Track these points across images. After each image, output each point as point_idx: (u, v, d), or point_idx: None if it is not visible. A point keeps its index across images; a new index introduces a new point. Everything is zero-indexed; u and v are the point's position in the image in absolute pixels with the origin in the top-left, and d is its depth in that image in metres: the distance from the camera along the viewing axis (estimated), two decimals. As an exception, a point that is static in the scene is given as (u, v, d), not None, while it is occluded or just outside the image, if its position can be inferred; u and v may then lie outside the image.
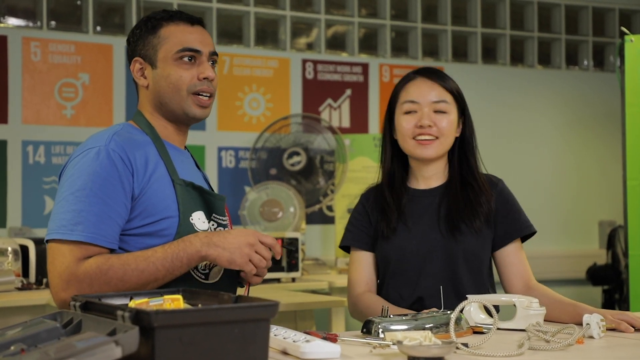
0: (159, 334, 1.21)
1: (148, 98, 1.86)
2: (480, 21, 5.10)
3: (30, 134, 4.06)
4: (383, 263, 2.12)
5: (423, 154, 2.08)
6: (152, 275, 1.66)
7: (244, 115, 4.54)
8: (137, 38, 1.86)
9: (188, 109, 1.83)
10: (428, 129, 2.05)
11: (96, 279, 1.64)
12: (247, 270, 1.70)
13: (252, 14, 4.58)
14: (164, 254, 1.67)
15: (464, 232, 2.04)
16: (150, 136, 1.82)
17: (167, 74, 1.82)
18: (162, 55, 1.82)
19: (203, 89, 1.83)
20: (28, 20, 4.15)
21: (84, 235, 1.66)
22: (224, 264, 1.69)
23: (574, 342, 1.63)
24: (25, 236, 3.78)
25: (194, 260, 1.68)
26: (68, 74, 4.16)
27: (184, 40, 1.83)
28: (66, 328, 1.33)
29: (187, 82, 1.81)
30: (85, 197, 1.68)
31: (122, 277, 1.64)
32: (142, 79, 1.85)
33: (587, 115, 5.30)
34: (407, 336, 1.50)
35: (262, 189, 4.24)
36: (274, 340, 1.54)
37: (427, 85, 2.08)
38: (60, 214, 1.68)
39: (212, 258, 1.68)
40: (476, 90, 4.80)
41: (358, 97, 4.81)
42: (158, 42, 1.83)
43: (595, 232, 5.27)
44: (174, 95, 1.82)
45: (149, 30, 1.84)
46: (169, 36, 1.83)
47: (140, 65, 1.85)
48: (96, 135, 1.79)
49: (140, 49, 1.85)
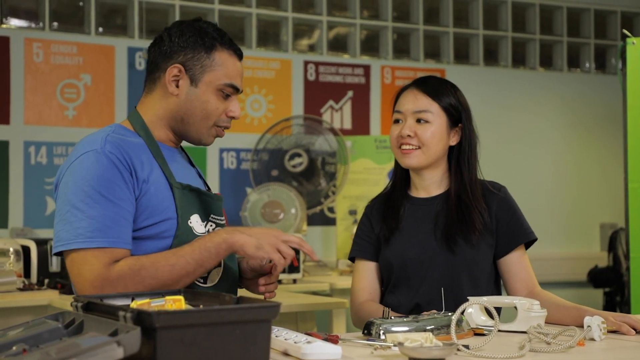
0: (160, 335, 1.21)
1: (170, 107, 1.81)
2: (482, 23, 5.10)
3: (32, 135, 4.07)
4: (386, 270, 2.13)
5: (406, 163, 2.11)
6: (183, 269, 1.65)
7: (246, 117, 4.54)
8: (185, 45, 1.79)
9: (205, 139, 1.84)
10: (408, 138, 2.08)
11: (130, 280, 1.63)
12: (276, 259, 1.68)
13: (254, 16, 4.58)
14: (192, 247, 1.67)
15: (461, 245, 2.05)
16: (144, 138, 1.79)
17: (206, 99, 1.79)
18: (208, 79, 1.79)
19: (227, 126, 1.85)
20: (30, 21, 4.16)
21: (105, 240, 1.65)
22: (250, 250, 1.66)
23: (575, 344, 1.63)
24: (27, 237, 3.78)
25: (222, 250, 1.67)
26: (70, 74, 4.16)
27: (232, 75, 1.81)
28: (68, 328, 1.34)
29: (218, 116, 1.81)
30: (96, 202, 1.66)
31: (155, 274, 1.64)
32: (174, 87, 1.80)
33: (589, 117, 5.30)
34: (408, 338, 1.50)
35: (264, 191, 4.24)
36: (275, 341, 1.54)
37: (412, 96, 2.10)
38: (74, 222, 1.66)
39: (239, 245, 1.66)
40: (478, 92, 4.80)
41: (360, 99, 4.81)
42: (209, 64, 1.79)
43: (597, 235, 5.26)
44: (201, 122, 1.81)
45: (204, 46, 1.79)
46: (222, 64, 1.80)
47: (178, 73, 1.79)
48: (87, 139, 1.75)
49: (187, 59, 1.79)
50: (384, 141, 4.46)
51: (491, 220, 2.09)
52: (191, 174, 1.90)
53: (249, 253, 1.67)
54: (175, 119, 1.82)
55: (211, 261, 1.67)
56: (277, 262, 1.69)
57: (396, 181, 2.18)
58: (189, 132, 1.83)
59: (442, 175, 2.14)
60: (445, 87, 2.12)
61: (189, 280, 1.67)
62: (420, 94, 2.09)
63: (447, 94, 2.10)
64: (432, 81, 2.14)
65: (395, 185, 2.17)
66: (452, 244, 2.05)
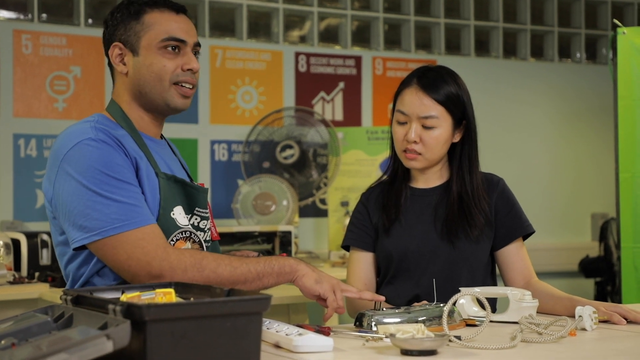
0: (150, 328, 1.21)
1: (126, 86, 1.80)
2: (473, 14, 5.09)
3: (21, 128, 4.04)
4: (385, 261, 2.12)
5: (410, 166, 2.11)
6: (243, 275, 1.65)
7: (237, 109, 4.53)
8: (117, 22, 1.80)
9: (170, 99, 1.78)
10: (413, 144, 2.05)
11: (190, 267, 1.61)
12: (330, 300, 1.69)
13: (244, 7, 4.56)
14: (256, 260, 1.68)
15: (462, 238, 2.05)
16: (126, 129, 1.77)
17: (150, 62, 1.77)
18: (145, 43, 1.77)
19: (186, 80, 1.78)
20: (19, 13, 4.13)
21: (141, 220, 1.62)
22: (309, 282, 1.69)
23: (567, 334, 1.63)
24: (17, 230, 3.77)
25: (284, 273, 1.69)
26: (59, 67, 4.14)
27: (169, 28, 1.77)
28: (57, 322, 1.33)
29: (170, 72, 1.76)
30: (115, 187, 1.64)
31: (216, 268, 1.63)
32: (121, 66, 1.80)
33: (581, 107, 5.31)
34: (399, 329, 1.50)
35: (255, 182, 4.23)
36: (267, 333, 1.53)
37: (417, 98, 2.05)
38: (101, 209, 1.62)
39: (301, 274, 1.69)
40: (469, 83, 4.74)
41: (351, 90, 4.80)
42: (141, 29, 1.77)
43: (588, 225, 5.28)
44: (155, 85, 1.77)
45: (132, 15, 1.78)
46: (153, 23, 1.77)
47: (119, 51, 1.80)
48: (74, 129, 1.72)
49: (120, 34, 1.79)
50: (376, 132, 4.46)
51: (490, 213, 2.09)
52: (176, 165, 1.88)
53: (307, 285, 1.70)
54: (136, 96, 1.80)
55: (271, 279, 1.68)
56: (329, 302, 1.71)
57: (397, 171, 2.16)
58: (154, 101, 1.79)
59: (442, 166, 2.14)
60: (448, 82, 2.07)
61: (244, 288, 1.65)
62: (425, 97, 2.04)
63: (451, 92, 2.06)
64: (434, 77, 2.07)
65: (396, 175, 2.16)
66: (453, 237, 2.05)
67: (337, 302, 1.70)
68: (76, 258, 1.73)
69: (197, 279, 1.61)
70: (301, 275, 1.69)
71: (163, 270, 1.60)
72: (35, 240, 3.52)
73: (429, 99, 2.05)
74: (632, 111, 3.63)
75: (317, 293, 1.70)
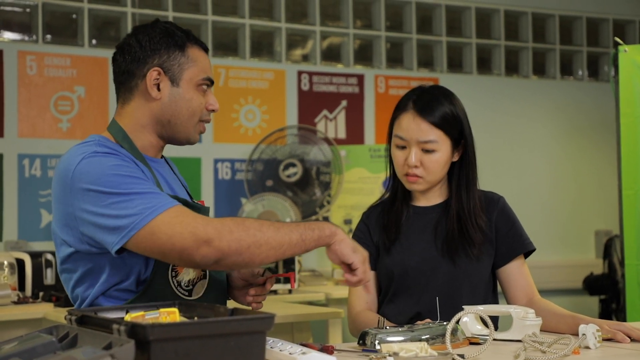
0: (154, 348, 1.21)
1: (153, 111, 1.79)
2: (475, 32, 5.12)
3: (26, 148, 4.06)
4: (386, 279, 2.12)
5: (412, 188, 2.12)
6: (287, 235, 1.61)
7: (240, 127, 4.55)
8: (158, 47, 1.78)
9: (192, 136, 1.82)
10: (414, 168, 2.06)
11: (235, 227, 1.58)
12: (361, 270, 1.66)
13: (247, 26, 4.59)
14: (296, 223, 1.65)
15: (462, 256, 2.06)
16: (128, 150, 1.77)
17: (190, 97, 1.79)
18: (187, 77, 1.78)
19: (208, 119, 1.84)
20: (24, 34, 4.16)
21: (167, 203, 1.61)
22: (347, 250, 1.65)
23: (570, 353, 1.63)
24: (21, 250, 3.77)
25: (324, 236, 1.64)
26: (64, 87, 4.16)
27: (206, 68, 1.82)
28: (62, 342, 1.33)
29: (202, 111, 1.81)
30: (132, 183, 1.63)
31: (260, 228, 1.60)
32: (156, 91, 1.78)
33: (583, 125, 5.32)
34: (403, 347, 1.50)
35: (259, 201, 4.24)
36: (270, 352, 1.53)
37: (415, 124, 2.04)
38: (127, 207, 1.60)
39: (339, 238, 1.65)
40: (471, 100, 4.79)
41: (354, 108, 4.82)
42: (186, 62, 1.78)
43: (592, 242, 5.27)
44: (188, 120, 1.80)
45: (177, 46, 1.79)
46: (196, 60, 1.80)
47: (157, 76, 1.77)
48: (76, 150, 1.73)
49: (164, 60, 1.77)
50: (379, 150, 4.47)
51: (491, 231, 2.10)
52: (176, 184, 1.89)
53: (345, 252, 1.66)
54: (161, 123, 1.80)
55: (312, 242, 1.64)
56: (359, 272, 1.67)
57: (397, 190, 2.17)
58: (177, 134, 1.81)
59: (442, 184, 2.15)
60: (443, 104, 2.07)
61: (289, 252, 1.62)
62: (423, 122, 2.04)
63: (447, 113, 2.06)
64: (429, 100, 2.07)
65: (397, 194, 2.17)
66: (453, 255, 2.06)
67: (365, 273, 1.67)
68: (82, 282, 1.73)
69: (244, 238, 1.57)
70: (339, 240, 1.65)
71: (209, 234, 1.56)
72: (39, 260, 3.52)
73: (427, 123, 2.05)
74: (634, 128, 3.64)
75: (351, 261, 1.66)
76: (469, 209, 2.09)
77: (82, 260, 1.70)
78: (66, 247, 1.72)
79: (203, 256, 1.56)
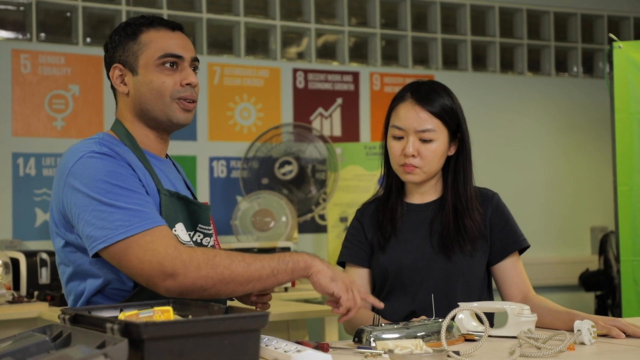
0: (148, 346, 1.21)
1: (128, 106, 1.82)
2: (470, 29, 5.12)
3: (20, 146, 4.05)
4: (380, 277, 2.12)
5: (408, 179, 2.10)
6: (257, 271, 1.61)
7: (235, 125, 4.54)
8: (115, 44, 1.82)
9: (172, 115, 1.80)
10: (412, 158, 2.06)
11: (204, 263, 1.58)
12: (344, 299, 1.65)
13: (242, 24, 4.59)
14: (270, 256, 1.64)
15: (457, 252, 2.06)
16: (129, 147, 1.78)
17: (149, 80, 1.78)
18: (143, 62, 1.79)
19: (186, 96, 1.80)
20: (17, 33, 4.15)
21: (146, 223, 1.61)
22: (324, 280, 1.65)
23: (565, 349, 1.63)
24: (16, 249, 3.77)
25: (299, 269, 1.65)
26: (58, 85, 4.15)
27: (165, 46, 1.80)
28: (55, 341, 1.33)
29: (170, 88, 1.78)
30: (119, 194, 1.64)
31: (229, 265, 1.60)
32: (122, 86, 1.82)
33: (578, 121, 5.32)
34: (398, 345, 1.50)
35: (254, 199, 4.23)
36: (265, 350, 1.53)
37: (414, 112, 2.05)
38: (106, 217, 1.62)
39: (316, 269, 1.65)
40: (467, 97, 4.78)
41: (349, 106, 4.81)
42: (139, 48, 1.79)
43: (587, 238, 5.28)
44: (157, 102, 1.79)
45: (129, 36, 1.81)
46: (150, 42, 1.80)
47: (120, 72, 1.81)
48: (78, 146, 1.74)
49: (119, 56, 1.81)
50: (374, 148, 4.47)
51: (485, 227, 2.09)
52: (180, 183, 1.89)
53: (322, 282, 1.66)
54: (139, 114, 1.82)
55: (285, 275, 1.65)
56: (343, 301, 1.66)
57: (391, 187, 2.17)
58: (157, 118, 1.81)
59: (437, 180, 2.14)
60: (442, 95, 2.08)
61: (259, 286, 1.63)
62: (421, 111, 2.05)
63: (446, 104, 2.07)
64: (428, 92, 2.07)
65: (391, 191, 2.17)
66: (448, 252, 2.05)
67: (351, 300, 1.66)
68: (76, 277, 1.73)
69: (211, 276, 1.59)
70: (316, 272, 1.66)
71: (176, 268, 1.58)
72: (34, 259, 3.51)
73: (425, 112, 2.05)
74: (629, 124, 3.64)
75: (331, 291, 1.66)
76: (465, 201, 2.08)
77: (75, 254, 1.72)
78: (60, 238, 1.74)
79: (167, 289, 1.59)
